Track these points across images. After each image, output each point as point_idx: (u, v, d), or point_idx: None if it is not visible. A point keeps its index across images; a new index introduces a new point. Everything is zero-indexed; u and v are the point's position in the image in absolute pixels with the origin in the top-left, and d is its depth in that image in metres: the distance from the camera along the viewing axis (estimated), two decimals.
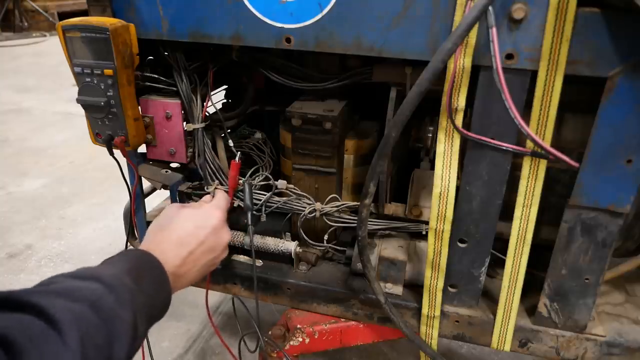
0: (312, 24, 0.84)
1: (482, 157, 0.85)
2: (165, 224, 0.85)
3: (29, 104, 4.22)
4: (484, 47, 0.75)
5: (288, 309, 1.15)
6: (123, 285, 0.62)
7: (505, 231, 0.90)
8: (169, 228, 0.84)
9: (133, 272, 0.67)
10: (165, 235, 0.82)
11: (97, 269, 0.65)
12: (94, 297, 0.56)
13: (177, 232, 0.83)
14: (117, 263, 0.68)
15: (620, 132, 0.76)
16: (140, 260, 0.72)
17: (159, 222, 0.87)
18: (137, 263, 0.70)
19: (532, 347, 0.99)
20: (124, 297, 0.60)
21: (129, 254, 0.72)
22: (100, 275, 0.61)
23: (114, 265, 0.67)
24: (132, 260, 0.70)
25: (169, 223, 0.85)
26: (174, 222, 0.85)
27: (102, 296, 0.57)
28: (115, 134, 1.00)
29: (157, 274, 0.72)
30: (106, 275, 0.62)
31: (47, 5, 7.17)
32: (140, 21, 0.93)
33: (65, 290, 0.55)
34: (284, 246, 1.10)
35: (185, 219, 0.86)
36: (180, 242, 0.82)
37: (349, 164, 1.12)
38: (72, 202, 2.63)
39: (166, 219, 0.87)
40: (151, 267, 0.72)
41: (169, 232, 0.83)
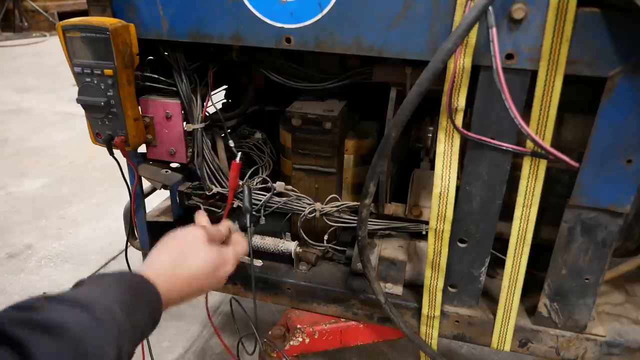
0: (312, 24, 0.84)
1: (482, 157, 0.85)
2: (183, 251, 0.80)
3: (28, 104, 4.22)
4: (484, 47, 0.75)
5: (288, 309, 1.15)
6: (113, 319, 0.58)
7: (505, 231, 0.90)
8: (185, 263, 0.79)
9: (128, 301, 0.63)
10: (178, 269, 0.78)
11: (90, 294, 0.61)
12: (80, 333, 0.53)
13: (190, 271, 0.79)
14: (113, 288, 0.64)
15: (620, 132, 0.76)
16: (138, 289, 0.68)
17: (179, 243, 0.82)
18: (134, 292, 0.66)
19: (532, 347, 0.99)
20: (112, 332, 0.57)
21: (127, 280, 0.67)
22: (92, 304, 0.57)
23: (108, 292, 0.63)
24: (130, 289, 0.66)
25: (187, 256, 0.80)
26: (192, 258, 0.81)
27: (88, 331, 0.54)
28: (115, 134, 1.00)
29: (152, 306, 0.69)
30: (98, 305, 0.58)
31: (47, 5, 7.16)
32: (140, 21, 0.93)
33: (50, 324, 0.52)
34: (284, 246, 1.09)
35: (204, 261, 0.81)
36: (189, 282, 0.78)
37: (349, 164, 1.12)
38: (72, 202, 2.63)
39: (187, 246, 0.82)
40: (150, 302, 0.69)
41: (183, 268, 0.78)
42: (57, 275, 2.06)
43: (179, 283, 0.76)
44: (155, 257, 0.79)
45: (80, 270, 2.09)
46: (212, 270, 0.83)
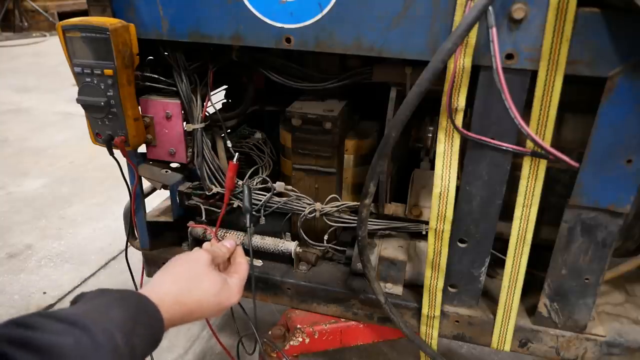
0: (312, 24, 0.84)
1: (482, 157, 0.85)
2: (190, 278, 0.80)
3: (28, 104, 4.21)
4: (484, 47, 0.75)
5: (288, 309, 1.15)
6: (112, 344, 0.57)
7: (505, 231, 0.90)
8: (190, 291, 0.78)
9: (129, 326, 0.61)
10: (183, 296, 0.77)
11: (90, 313, 0.59)
12: (76, 357, 0.52)
13: (194, 300, 0.78)
14: (114, 307, 0.62)
15: (620, 132, 0.76)
16: (141, 312, 0.66)
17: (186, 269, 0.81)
18: (136, 315, 0.65)
19: (532, 347, 0.99)
20: (108, 357, 0.56)
21: (129, 299, 0.66)
22: (91, 326, 0.56)
23: (109, 313, 0.61)
24: (133, 310, 0.65)
25: (192, 284, 0.79)
26: (200, 286, 0.80)
27: (85, 356, 0.53)
28: (115, 134, 1.00)
29: (154, 334, 0.68)
30: (97, 327, 0.56)
31: (47, 5, 7.16)
32: (140, 21, 0.93)
33: (47, 347, 0.51)
34: (284, 246, 1.09)
35: (209, 292, 0.81)
36: (192, 310, 0.77)
37: (349, 164, 1.12)
38: (72, 202, 2.63)
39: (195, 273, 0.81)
40: (151, 327, 0.67)
41: (187, 296, 0.77)
42: (57, 275, 2.06)
43: (182, 310, 0.75)
44: (160, 281, 0.78)
45: (80, 270, 2.09)
46: (217, 301, 0.82)
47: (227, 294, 0.84)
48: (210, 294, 0.81)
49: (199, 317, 0.80)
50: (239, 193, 1.09)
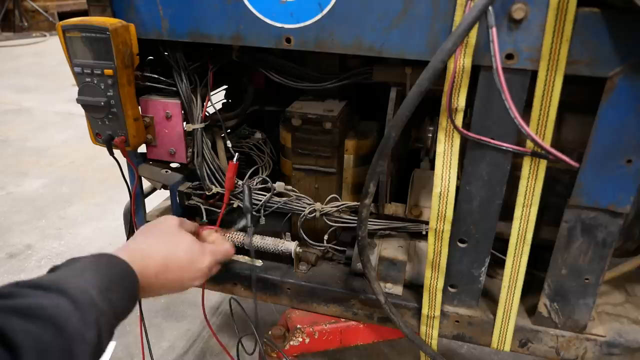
0: (312, 24, 0.84)
1: (482, 157, 0.85)
2: (162, 237, 0.83)
3: (29, 104, 4.22)
4: (484, 47, 0.75)
5: (288, 309, 1.15)
6: (90, 302, 0.58)
7: (505, 231, 0.90)
8: (164, 246, 0.81)
9: (104, 284, 0.63)
10: (155, 252, 0.79)
11: (64, 278, 0.61)
12: (59, 317, 0.53)
13: (169, 256, 0.80)
14: (88, 270, 0.64)
15: (620, 132, 0.76)
16: (117, 271, 0.68)
17: (156, 232, 0.84)
18: (110, 274, 0.66)
19: (532, 347, 0.99)
20: (90, 316, 0.57)
21: (101, 261, 0.68)
22: (67, 288, 0.57)
23: (83, 275, 0.63)
24: (106, 270, 0.66)
25: (166, 241, 0.83)
26: (171, 245, 0.83)
27: (66, 315, 0.54)
28: (115, 134, 1.00)
29: (129, 288, 0.69)
30: (74, 289, 0.58)
31: (47, 5, 7.17)
32: (140, 21, 0.93)
33: (27, 309, 0.52)
34: (284, 246, 1.09)
35: (183, 246, 0.84)
36: (166, 266, 0.79)
37: (349, 164, 1.12)
38: (72, 202, 2.63)
39: (165, 234, 0.84)
40: (125, 281, 0.69)
41: (162, 251, 0.80)
42: None
43: (155, 265, 0.77)
44: (131, 240, 0.81)
45: None
46: (188, 255, 0.84)
47: (200, 251, 0.86)
48: (181, 249, 0.83)
49: (176, 276, 0.81)
50: (239, 193, 1.09)
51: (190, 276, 0.85)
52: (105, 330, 0.60)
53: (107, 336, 0.61)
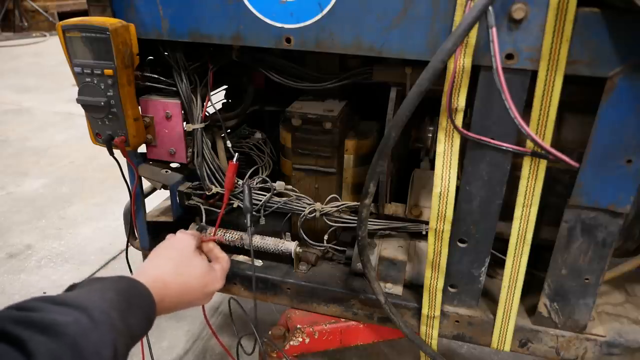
0: (312, 24, 0.84)
1: (482, 157, 0.85)
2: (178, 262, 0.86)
3: (29, 104, 4.22)
4: (484, 47, 0.75)
5: (288, 309, 1.15)
6: (109, 322, 0.60)
7: (505, 231, 0.90)
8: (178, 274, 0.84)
9: (124, 306, 0.65)
10: (172, 278, 0.83)
11: (86, 296, 0.62)
12: (77, 336, 0.54)
13: (184, 284, 0.85)
14: (109, 291, 0.66)
15: (620, 132, 0.76)
16: (133, 294, 0.70)
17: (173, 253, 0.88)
18: (129, 297, 0.68)
19: (532, 347, 0.99)
20: (108, 334, 0.59)
21: (122, 283, 0.70)
22: (88, 306, 0.59)
23: (104, 296, 0.64)
24: (125, 293, 0.68)
25: (180, 267, 0.86)
26: (188, 270, 0.87)
27: (85, 332, 0.55)
28: (115, 134, 1.00)
29: (147, 312, 0.72)
30: (94, 308, 0.59)
31: (47, 5, 7.17)
32: (140, 21, 0.93)
33: (48, 324, 0.53)
34: (284, 246, 1.09)
35: (196, 275, 0.88)
36: (180, 293, 0.84)
37: (349, 164, 1.12)
38: (72, 202, 2.63)
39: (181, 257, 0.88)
40: (144, 306, 0.72)
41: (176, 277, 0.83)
42: (57, 275, 2.06)
43: (172, 292, 0.81)
44: (150, 266, 0.84)
45: (80, 270, 2.09)
46: (203, 285, 0.89)
47: (212, 277, 0.92)
48: (197, 276, 0.88)
49: (188, 301, 0.86)
50: (239, 193, 1.09)
51: (200, 301, 0.91)
52: (121, 352, 0.61)
53: (122, 357, 0.62)
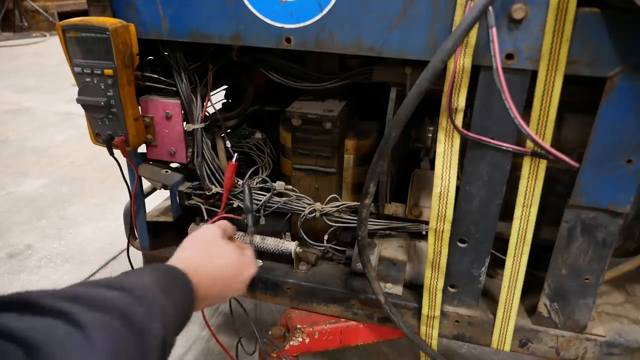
0: (312, 24, 0.84)
1: (482, 157, 0.85)
2: (209, 251, 0.83)
3: (29, 104, 4.21)
4: (484, 47, 0.75)
5: (288, 309, 1.15)
6: (154, 298, 0.59)
7: (505, 231, 0.90)
8: (212, 261, 0.81)
9: (162, 285, 0.63)
10: (205, 265, 0.79)
11: (126, 279, 0.61)
12: (124, 308, 0.53)
13: (217, 269, 0.80)
14: (146, 275, 0.65)
15: (620, 132, 0.76)
16: (172, 277, 0.69)
17: (204, 247, 0.84)
18: (168, 278, 0.67)
19: (532, 347, 0.99)
20: (155, 310, 0.58)
21: (158, 267, 0.69)
22: (130, 286, 0.58)
23: (142, 277, 0.64)
24: (164, 274, 0.68)
25: (212, 255, 0.82)
26: (220, 255, 0.83)
27: (132, 308, 0.54)
28: (115, 134, 1.00)
29: (187, 295, 0.70)
30: (136, 286, 0.59)
31: (47, 5, 7.16)
32: (140, 21, 0.93)
33: (93, 300, 0.52)
34: (284, 246, 1.09)
35: (229, 259, 0.83)
36: (214, 280, 0.79)
37: (349, 164, 1.12)
38: (72, 202, 2.63)
39: (210, 247, 0.84)
40: (182, 287, 0.70)
41: (210, 265, 0.80)
42: (57, 275, 2.06)
43: (206, 280, 0.77)
44: (182, 254, 0.80)
45: (80, 270, 2.09)
46: (238, 269, 0.84)
47: (246, 262, 0.86)
48: (231, 261, 0.83)
49: (223, 288, 0.81)
50: (239, 193, 1.09)
51: (236, 288, 0.85)
52: (170, 329, 0.60)
53: (171, 335, 0.61)
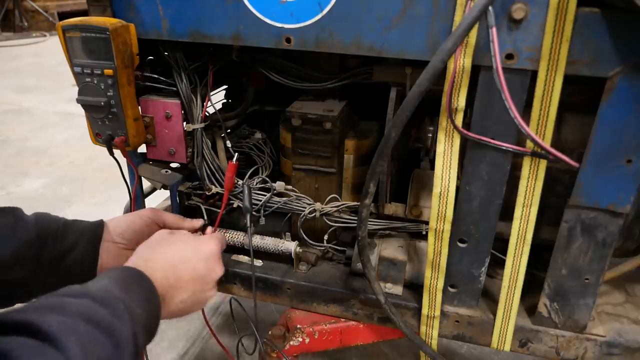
0: (312, 24, 0.84)
1: (482, 157, 0.85)
2: (154, 245, 0.80)
3: (29, 104, 4.22)
4: (484, 47, 0.75)
5: (288, 309, 1.15)
6: (114, 297, 0.57)
7: (505, 231, 0.90)
8: (159, 250, 0.78)
9: (122, 285, 0.62)
10: (154, 255, 0.76)
11: (82, 286, 0.60)
12: (86, 311, 0.52)
13: (167, 254, 0.77)
14: (101, 279, 0.63)
15: (620, 132, 0.76)
16: (126, 274, 0.67)
17: (147, 244, 0.81)
18: (123, 276, 0.65)
19: (532, 347, 0.99)
20: (118, 307, 0.56)
21: (112, 270, 0.67)
22: (87, 291, 0.56)
23: (99, 280, 0.62)
24: (117, 274, 0.65)
25: (159, 245, 0.80)
26: (166, 243, 0.80)
27: (94, 310, 0.53)
28: (115, 134, 1.00)
29: (146, 287, 0.67)
30: (93, 290, 0.57)
31: (47, 5, 7.16)
32: (140, 21, 0.93)
33: (55, 305, 0.51)
34: (284, 246, 1.09)
35: (178, 242, 0.81)
36: (170, 264, 0.75)
37: (349, 164, 1.12)
38: (72, 202, 2.63)
39: (156, 242, 0.81)
40: (139, 281, 0.67)
41: (159, 253, 0.77)
42: None
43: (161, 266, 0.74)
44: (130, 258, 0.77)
45: None
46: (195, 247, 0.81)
47: (200, 241, 0.83)
48: (182, 242, 0.80)
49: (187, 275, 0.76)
50: (239, 193, 1.09)
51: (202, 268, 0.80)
52: (138, 326, 0.58)
53: (141, 332, 0.59)
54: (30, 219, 0.83)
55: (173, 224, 0.99)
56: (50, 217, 0.88)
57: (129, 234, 0.93)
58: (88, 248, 0.88)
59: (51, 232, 0.84)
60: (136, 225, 0.95)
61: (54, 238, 0.84)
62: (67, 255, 0.85)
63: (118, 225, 0.93)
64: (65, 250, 0.85)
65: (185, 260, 0.78)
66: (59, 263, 0.84)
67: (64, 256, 0.85)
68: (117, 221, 0.95)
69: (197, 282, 0.79)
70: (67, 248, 0.85)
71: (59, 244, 0.84)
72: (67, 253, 0.85)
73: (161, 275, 0.72)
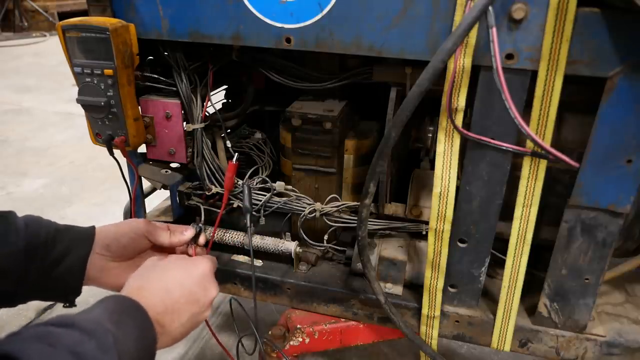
0: (312, 24, 0.84)
1: (482, 157, 0.85)
2: (145, 272, 0.78)
3: (29, 104, 4.21)
4: (484, 47, 0.75)
5: (288, 309, 1.15)
6: (104, 330, 0.56)
7: (505, 231, 0.90)
8: (152, 276, 0.76)
9: (114, 316, 0.61)
10: (146, 282, 0.75)
11: (71, 316, 0.58)
12: (72, 344, 0.51)
13: (161, 280, 0.76)
14: (94, 309, 0.62)
15: (620, 132, 0.76)
16: (119, 304, 0.65)
17: (139, 273, 0.79)
18: (115, 307, 0.63)
19: (532, 347, 0.99)
20: (106, 341, 0.55)
21: (105, 300, 0.65)
22: (75, 321, 0.55)
23: (90, 311, 0.61)
24: (110, 305, 0.64)
25: (150, 272, 0.78)
26: (158, 269, 0.79)
27: (81, 343, 0.52)
28: (115, 134, 1.00)
29: (139, 317, 0.66)
30: (82, 320, 0.56)
31: (47, 5, 7.16)
32: (140, 21, 0.93)
33: (40, 335, 0.50)
34: (284, 246, 1.09)
35: (170, 266, 0.79)
36: (165, 288, 0.74)
37: (349, 164, 1.12)
38: (72, 202, 2.63)
39: (147, 269, 0.79)
40: (133, 311, 0.66)
41: (152, 279, 0.76)
42: None
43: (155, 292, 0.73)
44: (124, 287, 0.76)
45: None
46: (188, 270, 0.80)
47: (192, 262, 0.82)
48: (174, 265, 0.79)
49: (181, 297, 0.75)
50: (239, 193, 1.09)
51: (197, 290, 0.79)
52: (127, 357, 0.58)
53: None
54: (20, 226, 0.80)
55: (165, 242, 0.93)
56: (42, 223, 0.84)
57: (114, 247, 0.89)
58: (76, 262, 0.84)
59: (41, 240, 0.81)
60: (125, 238, 0.90)
61: (44, 247, 0.81)
62: (54, 268, 0.82)
63: (106, 236, 0.89)
64: (54, 261, 0.82)
65: (179, 283, 0.77)
66: (46, 275, 0.81)
67: (51, 268, 0.82)
68: (106, 231, 0.90)
69: (194, 304, 0.78)
70: (55, 258, 0.82)
71: (48, 254, 0.81)
72: (55, 265, 0.82)
73: (157, 300, 0.71)
